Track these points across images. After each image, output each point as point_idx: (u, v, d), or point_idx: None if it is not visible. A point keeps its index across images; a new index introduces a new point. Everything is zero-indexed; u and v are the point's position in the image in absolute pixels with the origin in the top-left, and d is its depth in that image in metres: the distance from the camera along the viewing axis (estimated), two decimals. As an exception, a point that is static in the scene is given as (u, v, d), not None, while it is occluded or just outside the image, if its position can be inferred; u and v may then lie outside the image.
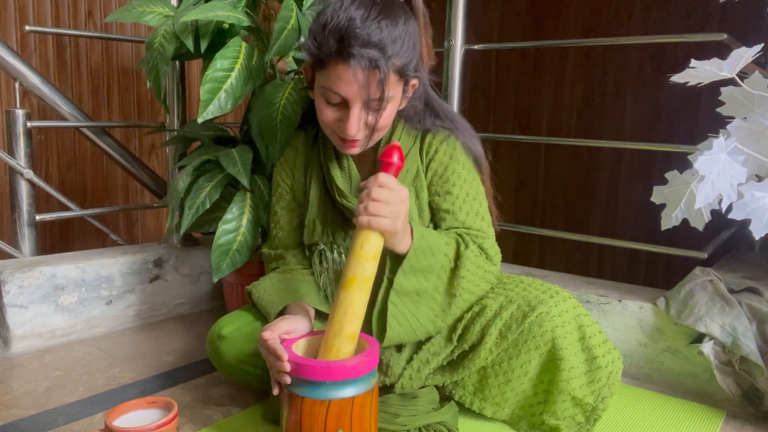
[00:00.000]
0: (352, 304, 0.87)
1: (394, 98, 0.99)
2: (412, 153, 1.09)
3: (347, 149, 1.03)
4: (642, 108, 2.61)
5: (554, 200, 2.92)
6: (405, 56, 0.96)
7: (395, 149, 0.88)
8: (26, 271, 1.40)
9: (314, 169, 1.15)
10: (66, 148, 2.26)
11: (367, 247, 0.86)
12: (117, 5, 2.31)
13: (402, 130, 1.10)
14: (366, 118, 0.98)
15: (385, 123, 1.00)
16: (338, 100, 0.97)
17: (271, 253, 1.19)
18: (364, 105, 0.96)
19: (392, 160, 0.88)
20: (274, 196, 1.20)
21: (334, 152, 1.11)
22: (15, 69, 1.64)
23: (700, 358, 1.20)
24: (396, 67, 0.95)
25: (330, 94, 0.97)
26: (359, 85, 0.93)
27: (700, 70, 0.95)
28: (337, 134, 1.02)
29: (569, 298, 1.03)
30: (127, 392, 1.19)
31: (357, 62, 0.91)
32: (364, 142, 1.02)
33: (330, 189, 1.12)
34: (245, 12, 1.33)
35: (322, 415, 0.83)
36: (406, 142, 1.09)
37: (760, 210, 0.92)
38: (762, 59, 1.62)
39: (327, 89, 0.97)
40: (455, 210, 1.06)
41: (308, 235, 1.14)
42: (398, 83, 0.98)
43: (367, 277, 0.87)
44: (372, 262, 0.87)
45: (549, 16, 2.85)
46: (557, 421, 1.01)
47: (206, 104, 1.22)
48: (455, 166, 1.07)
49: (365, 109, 0.96)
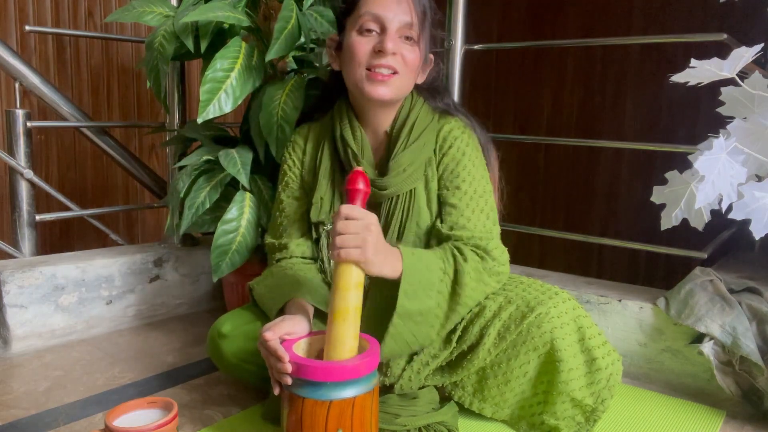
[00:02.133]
0: (343, 337, 0.87)
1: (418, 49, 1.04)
2: (429, 130, 1.09)
3: (378, 86, 1.02)
4: (642, 108, 2.61)
5: (554, 200, 2.92)
6: (434, 12, 1.06)
7: (359, 175, 0.89)
8: (26, 271, 1.40)
9: (326, 146, 1.14)
10: (66, 148, 2.26)
11: (347, 279, 0.87)
12: (117, 5, 2.31)
13: (421, 107, 1.11)
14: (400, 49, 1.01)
15: (413, 63, 1.03)
16: (373, 26, 1.01)
17: (275, 243, 1.17)
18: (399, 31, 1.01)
19: (357, 187, 0.88)
20: (280, 185, 1.19)
21: (349, 124, 1.11)
22: (15, 69, 1.64)
23: (700, 358, 1.20)
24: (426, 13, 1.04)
25: (366, 20, 1.01)
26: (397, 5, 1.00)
27: (700, 70, 0.95)
28: (370, 65, 1.02)
29: (569, 299, 1.03)
30: (127, 392, 1.19)
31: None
32: (393, 81, 1.02)
33: (343, 159, 1.12)
34: (245, 12, 1.33)
35: (323, 416, 0.83)
36: (423, 119, 1.10)
37: (760, 210, 0.92)
38: (762, 59, 1.62)
39: (364, 16, 1.01)
40: (462, 206, 1.06)
41: (315, 213, 1.13)
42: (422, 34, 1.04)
43: (354, 306, 0.87)
44: (355, 291, 0.87)
45: (549, 16, 2.85)
46: (557, 421, 1.01)
47: (206, 104, 1.22)
48: (467, 163, 1.08)
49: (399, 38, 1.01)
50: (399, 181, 1.06)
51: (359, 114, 1.11)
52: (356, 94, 1.07)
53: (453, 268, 1.00)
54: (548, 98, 2.90)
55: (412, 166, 1.07)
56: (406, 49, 1.02)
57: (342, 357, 0.87)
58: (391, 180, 1.06)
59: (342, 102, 1.13)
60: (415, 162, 1.07)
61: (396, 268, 0.94)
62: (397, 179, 1.06)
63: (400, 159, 1.06)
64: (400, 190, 1.07)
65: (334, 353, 0.87)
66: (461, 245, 1.03)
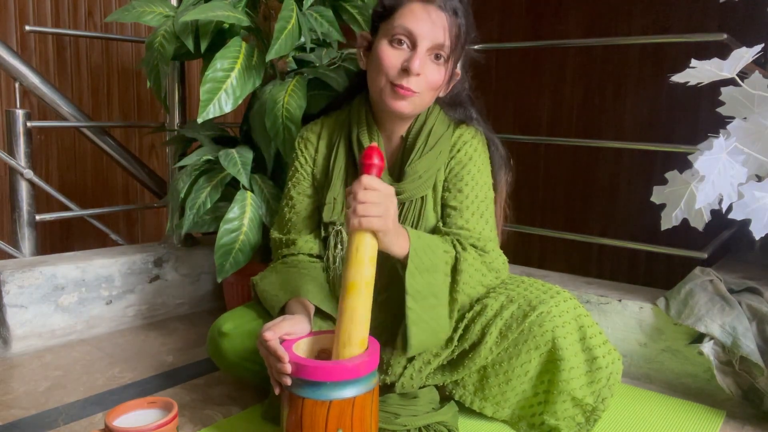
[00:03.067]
0: (357, 310, 0.87)
1: (445, 68, 1.02)
2: (444, 138, 1.09)
3: (395, 102, 1.02)
4: (642, 108, 2.61)
5: (554, 200, 2.92)
6: (466, 38, 1.03)
7: (374, 151, 0.89)
8: (26, 271, 1.40)
9: (341, 147, 1.14)
10: (66, 148, 2.26)
11: (363, 250, 0.87)
12: (117, 5, 2.31)
13: (437, 116, 1.11)
14: (426, 69, 1.00)
15: (436, 82, 1.02)
16: (405, 41, 1.00)
17: (282, 239, 1.16)
18: (429, 50, 0.99)
19: (373, 162, 0.89)
20: (290, 181, 1.18)
21: (366, 126, 1.11)
22: (15, 69, 1.64)
23: (700, 358, 1.20)
24: (461, 31, 1.01)
25: (399, 34, 1.00)
26: (433, 25, 0.98)
27: (700, 70, 0.95)
28: (394, 81, 1.01)
29: (570, 298, 1.03)
30: (127, 392, 1.19)
31: (441, 3, 0.99)
32: (413, 98, 1.02)
33: (358, 162, 1.11)
34: (245, 12, 1.33)
35: (323, 416, 0.83)
36: (439, 127, 1.10)
37: (760, 210, 0.92)
38: (762, 59, 1.62)
39: (397, 28, 1.00)
40: (462, 208, 1.07)
41: (328, 213, 1.12)
42: (451, 63, 1.03)
43: (368, 280, 0.87)
44: (369, 265, 0.88)
45: (549, 16, 2.85)
46: (557, 421, 1.01)
47: (206, 104, 1.22)
48: (471, 167, 1.08)
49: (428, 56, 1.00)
50: (414, 187, 1.07)
51: (376, 117, 1.11)
52: (376, 100, 1.07)
53: (453, 253, 1.02)
54: (548, 98, 2.90)
55: (427, 173, 1.07)
56: (431, 69, 1.01)
57: (356, 331, 0.87)
58: (406, 186, 1.07)
59: (361, 102, 1.12)
60: (430, 169, 1.08)
61: (404, 247, 0.95)
62: (412, 185, 1.07)
63: (417, 166, 1.07)
64: (414, 196, 1.08)
65: (350, 326, 0.87)
66: (462, 239, 1.05)
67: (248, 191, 1.34)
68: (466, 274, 1.02)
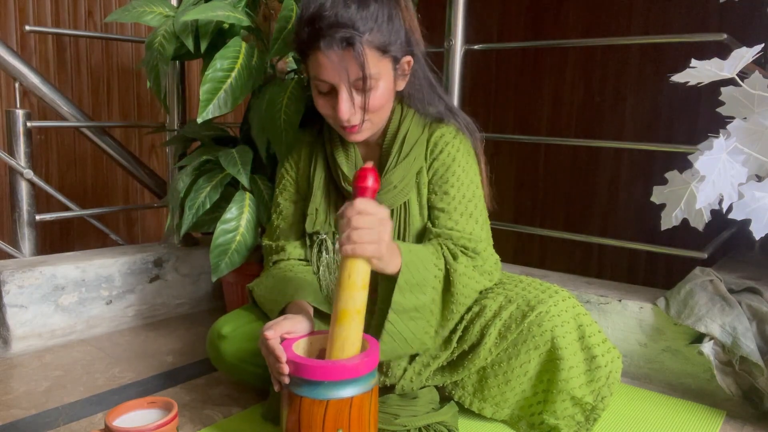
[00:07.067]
0: (348, 338, 0.86)
1: (384, 77, 0.98)
2: (419, 144, 1.08)
3: (349, 136, 1.03)
4: (642, 108, 2.61)
5: (554, 200, 2.91)
6: (382, 33, 0.95)
7: (369, 172, 0.86)
8: (26, 271, 1.40)
9: (319, 159, 1.15)
10: (66, 148, 2.26)
11: (356, 276, 0.84)
12: (117, 5, 2.31)
13: (411, 120, 1.10)
14: (356, 101, 0.98)
15: (378, 103, 0.99)
16: (327, 88, 0.98)
17: (272, 245, 1.18)
18: (350, 87, 0.96)
19: (367, 184, 0.85)
20: (278, 188, 1.20)
21: (340, 141, 1.12)
22: (15, 69, 1.64)
23: (700, 358, 1.20)
24: (374, 43, 0.95)
25: (318, 83, 0.99)
26: (337, 67, 0.94)
27: (700, 70, 0.95)
28: (338, 125, 1.02)
29: (568, 297, 1.03)
30: (127, 392, 1.19)
31: (328, 44, 0.93)
32: (365, 126, 1.01)
33: (335, 176, 1.12)
34: (245, 12, 1.33)
35: (321, 415, 0.83)
36: (414, 132, 1.09)
37: (760, 210, 0.92)
38: (762, 59, 1.62)
39: (314, 79, 0.99)
40: (450, 210, 1.06)
41: (310, 224, 1.13)
42: (382, 60, 0.97)
43: (359, 308, 0.86)
44: (362, 292, 0.85)
45: (549, 16, 2.85)
46: (557, 421, 1.01)
47: (206, 104, 1.22)
48: (456, 168, 1.07)
49: (353, 91, 0.97)
50: (390, 197, 1.07)
51: None
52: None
53: (444, 265, 1.01)
54: (548, 98, 2.90)
55: (403, 182, 1.07)
56: (362, 96, 0.97)
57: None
58: (382, 197, 1.07)
59: None
60: (406, 176, 1.07)
61: (396, 264, 0.93)
62: (388, 195, 1.07)
63: (390, 177, 1.07)
64: (393, 205, 1.08)
65: (340, 355, 0.86)
66: (451, 245, 1.04)
67: (247, 192, 1.34)
68: (459, 285, 1.01)
